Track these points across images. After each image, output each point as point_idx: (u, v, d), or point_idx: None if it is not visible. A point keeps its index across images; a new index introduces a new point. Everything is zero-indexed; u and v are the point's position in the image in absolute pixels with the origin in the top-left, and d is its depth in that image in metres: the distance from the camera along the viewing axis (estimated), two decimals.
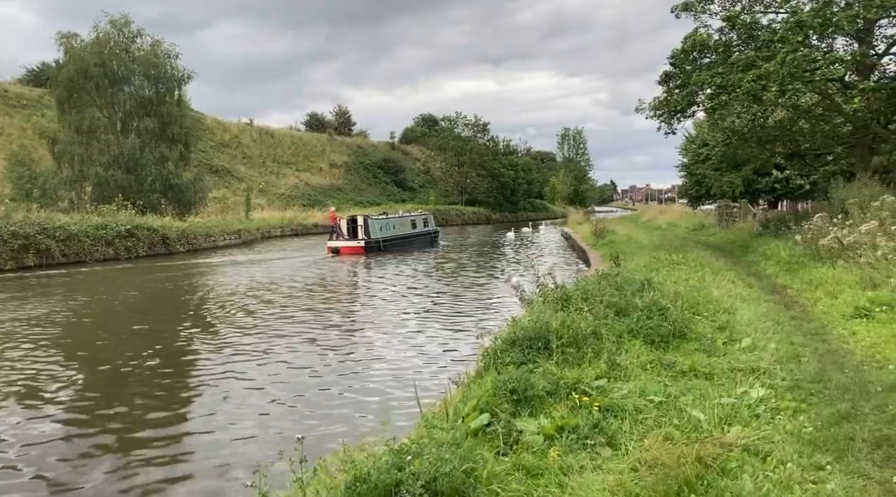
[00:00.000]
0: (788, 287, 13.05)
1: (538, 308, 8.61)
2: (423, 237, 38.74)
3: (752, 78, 17.65)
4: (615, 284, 10.82)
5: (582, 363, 6.78)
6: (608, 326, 7.87)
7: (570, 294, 9.02)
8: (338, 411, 8.42)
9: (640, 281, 11.80)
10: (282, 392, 9.37)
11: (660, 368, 6.59)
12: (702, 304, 10.06)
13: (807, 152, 24.55)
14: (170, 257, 32.58)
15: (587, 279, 11.51)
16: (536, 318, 7.61)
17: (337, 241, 33.10)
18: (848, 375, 6.54)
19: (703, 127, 38.03)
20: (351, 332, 13.85)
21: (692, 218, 41.35)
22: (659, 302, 8.50)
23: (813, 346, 7.91)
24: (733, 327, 8.52)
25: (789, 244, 16.63)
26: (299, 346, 12.29)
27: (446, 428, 4.78)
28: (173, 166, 40.17)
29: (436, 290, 20.38)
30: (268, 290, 20.20)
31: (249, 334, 13.48)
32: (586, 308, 8.34)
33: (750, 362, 6.84)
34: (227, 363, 11.10)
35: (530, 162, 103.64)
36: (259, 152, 78.70)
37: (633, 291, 9.46)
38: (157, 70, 40.41)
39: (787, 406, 5.54)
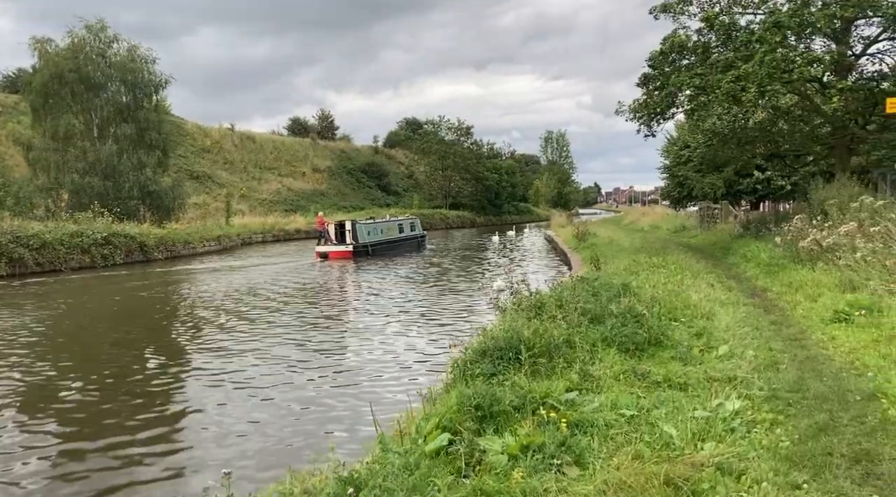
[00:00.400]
0: (768, 290, 12.91)
1: (511, 316, 8.37)
2: (410, 241, 38.89)
3: (731, 79, 17.55)
4: (592, 290, 10.61)
5: (554, 374, 6.55)
6: (582, 334, 7.64)
7: (544, 301, 8.79)
8: (303, 428, 8.13)
9: (617, 286, 11.60)
10: (250, 405, 9.07)
11: (633, 379, 6.36)
12: (679, 309, 9.86)
13: (787, 153, 24.53)
14: (148, 265, 32.11)
15: (564, 284, 11.30)
16: (508, 327, 7.36)
17: (325, 246, 33.12)
18: (826, 384, 6.35)
19: (684, 129, 38.06)
20: (331, 341, 13.54)
21: (674, 220, 41.40)
22: (634, 308, 8.29)
23: (792, 352, 7.72)
24: (711, 333, 8.31)
25: (769, 246, 16.53)
26: (276, 357, 11.96)
27: (403, 450, 4.52)
28: (151, 172, 39.60)
29: (420, 295, 20.10)
30: (248, 297, 19.84)
31: (225, 344, 13.15)
32: (560, 315, 8.11)
33: (727, 371, 6.63)
34: (194, 377, 10.79)
35: (514, 165, 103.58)
36: (241, 158, 78.09)
37: (608, 297, 9.24)
38: (133, 75, 39.84)
39: (763, 418, 5.33)
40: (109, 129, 39.59)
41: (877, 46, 19.92)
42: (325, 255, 32.38)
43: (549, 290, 10.54)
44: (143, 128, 40.24)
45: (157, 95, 42.04)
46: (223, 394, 9.66)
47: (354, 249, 32.66)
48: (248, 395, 9.54)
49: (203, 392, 9.81)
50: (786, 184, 34.56)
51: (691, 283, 13.54)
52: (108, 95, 39.47)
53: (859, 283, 10.53)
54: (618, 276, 15.95)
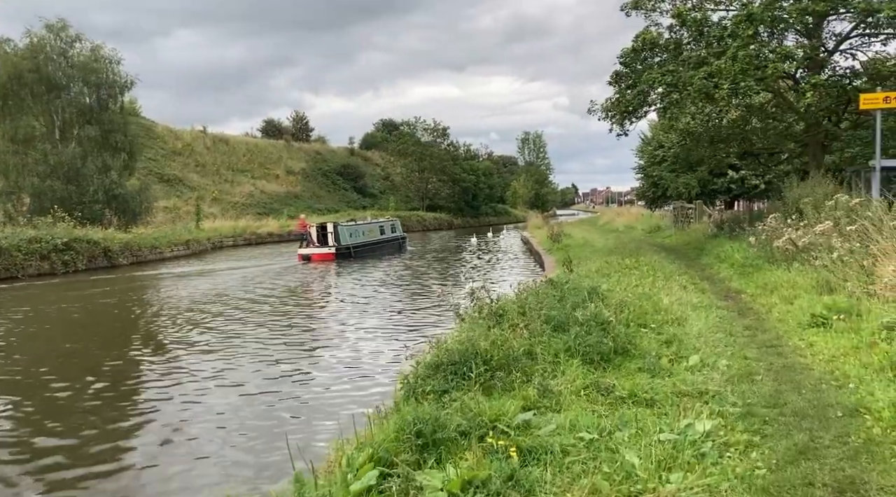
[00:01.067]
0: (742, 292, 12.48)
1: (468, 325, 7.81)
2: (391, 243, 38.96)
3: (704, 75, 17.17)
4: (558, 294, 10.09)
5: (511, 389, 5.99)
6: (544, 344, 7.09)
7: (505, 308, 8.22)
8: (247, 447, 7.49)
9: (586, 289, 11.10)
10: (194, 422, 8.41)
11: (596, 394, 5.82)
12: (650, 314, 9.36)
13: (760, 151, 24.26)
14: (112, 271, 31.10)
15: (530, 288, 10.77)
16: (465, 337, 6.80)
17: (308, 249, 32.97)
18: (805, 397, 5.86)
19: (658, 129, 37.83)
20: (297, 349, 12.84)
21: (649, 220, 41.18)
22: (601, 315, 7.76)
23: (768, 360, 7.24)
24: (682, 341, 7.81)
25: (743, 246, 16.14)
26: (234, 368, 11.27)
27: (324, 490, 3.93)
28: (117, 176, 38.41)
29: (396, 298, 19.45)
30: (213, 304, 19.03)
31: (181, 356, 12.44)
32: (522, 324, 7.56)
33: (698, 384, 6.11)
34: (153, 389, 10.10)
35: (491, 166, 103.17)
36: (213, 160, 76.84)
37: (574, 303, 8.70)
38: (97, 76, 38.72)
39: (737, 440, 4.81)
40: (72, 131, 38.42)
41: (849, 42, 19.66)
42: (307, 257, 32.26)
43: (514, 296, 9.99)
44: (107, 130, 39.13)
45: (122, 96, 40.97)
46: (170, 410, 8.98)
47: (337, 251, 32.58)
48: (194, 411, 8.88)
49: (146, 409, 9.12)
50: (760, 183, 34.45)
51: (663, 285, 13.09)
52: (70, 96, 38.28)
53: (836, 284, 10.10)
54: (589, 278, 15.47)
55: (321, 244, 33.20)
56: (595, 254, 22.45)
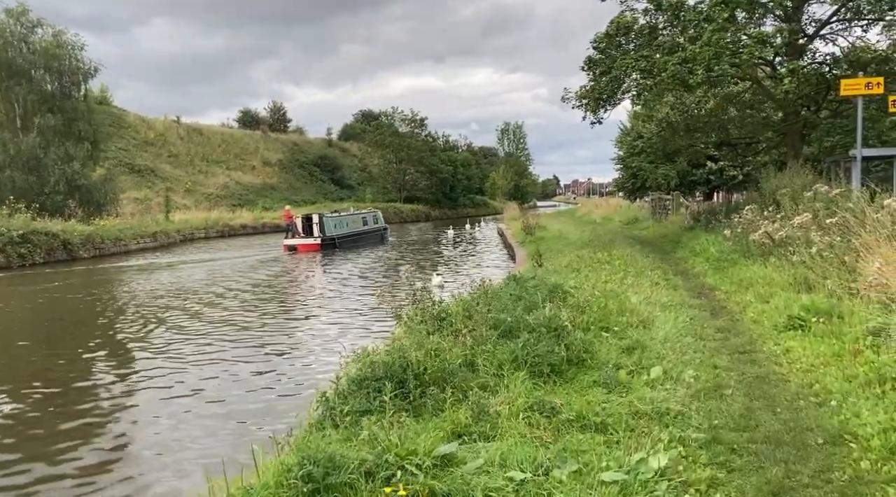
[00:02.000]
0: (717, 288, 11.75)
1: (404, 331, 6.96)
2: (374, 234, 39.54)
3: (678, 61, 16.41)
4: (517, 293, 9.28)
5: (443, 410, 5.16)
6: (488, 354, 6.25)
7: (449, 311, 7.37)
8: (147, 468, 6.59)
9: (548, 287, 10.32)
10: (109, 437, 7.51)
11: (540, 417, 4.99)
12: (614, 316, 8.56)
13: (737, 141, 23.57)
14: (73, 264, 29.95)
15: (488, 286, 9.93)
16: (396, 346, 5.95)
17: (293, 239, 33.21)
18: (781, 418, 5.08)
19: (637, 119, 37.15)
20: (250, 350, 11.88)
21: (627, 211, 40.58)
22: (556, 319, 6.93)
23: (740, 370, 6.47)
24: (646, 348, 7.00)
25: (719, 239, 15.42)
26: (173, 374, 10.32)
27: None
28: (79, 166, 37.03)
29: (368, 292, 18.53)
30: (174, 299, 18.01)
31: (124, 358, 11.49)
32: (466, 329, 6.72)
33: (658, 402, 5.31)
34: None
35: (470, 157, 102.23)
36: (186, 151, 75.26)
37: (530, 304, 7.88)
38: (59, 62, 37.37)
39: (698, 477, 4.00)
40: (34, 119, 37.00)
41: (829, 27, 18.99)
42: (293, 247, 32.62)
43: (467, 295, 9.16)
44: (70, 118, 37.82)
45: (86, 84, 39.55)
46: (80, 426, 8.06)
47: (322, 242, 32.89)
48: (111, 424, 7.98)
49: (62, 423, 8.19)
50: (738, 174, 33.93)
51: (634, 281, 12.33)
52: (31, 84, 36.79)
53: (815, 281, 9.37)
54: (558, 273, 14.70)
55: (306, 235, 33.45)
56: (568, 247, 21.70)
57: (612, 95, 19.88)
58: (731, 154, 26.75)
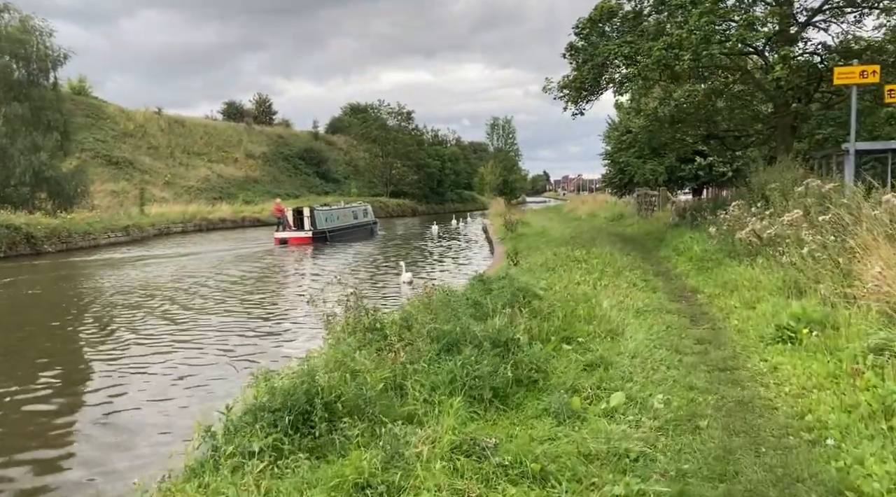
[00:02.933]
0: (699, 291, 10.80)
1: (328, 346, 5.94)
2: (363, 228, 39.88)
3: (663, 46, 15.42)
4: (475, 297, 8.28)
5: (348, 450, 4.16)
6: (422, 374, 5.25)
7: (385, 322, 6.34)
8: None
9: (515, 289, 9.36)
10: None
11: (467, 461, 3.99)
12: (582, 323, 7.59)
13: (725, 134, 22.60)
14: (36, 258, 28.77)
15: (446, 289, 8.93)
16: (304, 369, 4.93)
17: (284, 232, 33.32)
18: (766, 462, 4.10)
19: (626, 113, 36.22)
20: (197, 355, 10.87)
21: (613, 208, 39.68)
22: (507, 330, 5.94)
23: (719, 392, 5.50)
24: (610, 365, 6.01)
25: (704, 237, 14.45)
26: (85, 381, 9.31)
27: None
28: (47, 157, 35.65)
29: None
30: (131, 296, 16.92)
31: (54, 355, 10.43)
32: (400, 343, 5.71)
33: (616, 440, 4.31)
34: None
35: (458, 152, 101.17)
36: (167, 142, 73.74)
37: (481, 313, 6.88)
38: (26, 49, 36.00)
39: None
40: (1, 108, 35.58)
41: (821, 15, 18.04)
42: (284, 240, 32.69)
43: (418, 300, 8.15)
44: (38, 107, 36.47)
45: (55, 71, 38.14)
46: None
47: (313, 235, 33.06)
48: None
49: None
50: (727, 170, 33.07)
51: (610, 282, 11.37)
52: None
53: (807, 285, 8.42)
54: (531, 272, 13.73)
55: (297, 228, 33.57)
56: (548, 244, 20.72)
57: (595, 84, 18.88)
58: (719, 148, 25.78)
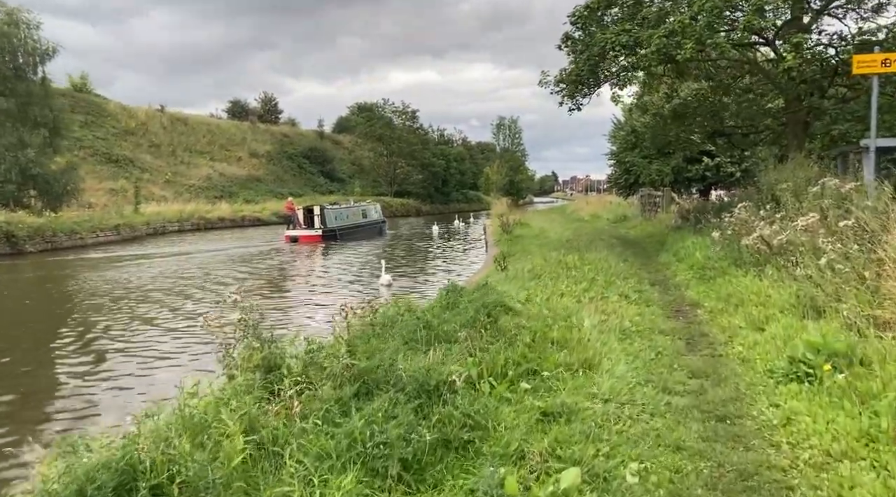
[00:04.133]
0: (699, 305, 9.43)
1: (218, 387, 4.61)
2: (372, 226, 40.13)
3: (664, 34, 14.05)
4: (434, 313, 6.99)
5: None
6: (313, 435, 3.93)
7: (279, 361, 4.96)
8: None
9: (488, 303, 8.08)
10: None
11: None
12: (554, 348, 6.25)
13: (732, 131, 21.14)
14: (16, 258, 27.69)
15: (403, 304, 7.64)
16: (124, 442, 3.60)
17: (295, 231, 33.71)
18: None
19: (630, 112, 34.84)
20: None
21: (617, 209, 38.29)
22: (437, 370, 4.61)
23: (715, 458, 4.16)
24: (576, 413, 4.67)
25: (707, 241, 13.06)
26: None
27: None
28: (34, 154, 34.43)
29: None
30: (100, 299, 15.72)
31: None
32: (296, 387, 4.39)
33: None
34: None
35: (463, 152, 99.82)
36: (169, 140, 72.75)
37: (421, 338, 5.57)
38: (10, 42, 34.88)
39: None
40: None
41: (837, 2, 16.60)
42: (295, 238, 33.04)
43: (360, 317, 6.84)
44: (25, 103, 35.39)
45: (42, 66, 36.99)
46: None
47: (323, 233, 33.42)
48: None
49: None
50: (735, 170, 31.71)
51: (599, 293, 10.02)
52: None
53: (826, 304, 7.06)
54: (516, 279, 12.44)
55: (308, 226, 33.94)
56: (543, 247, 19.37)
57: (592, 77, 17.50)
58: (726, 146, 24.30)
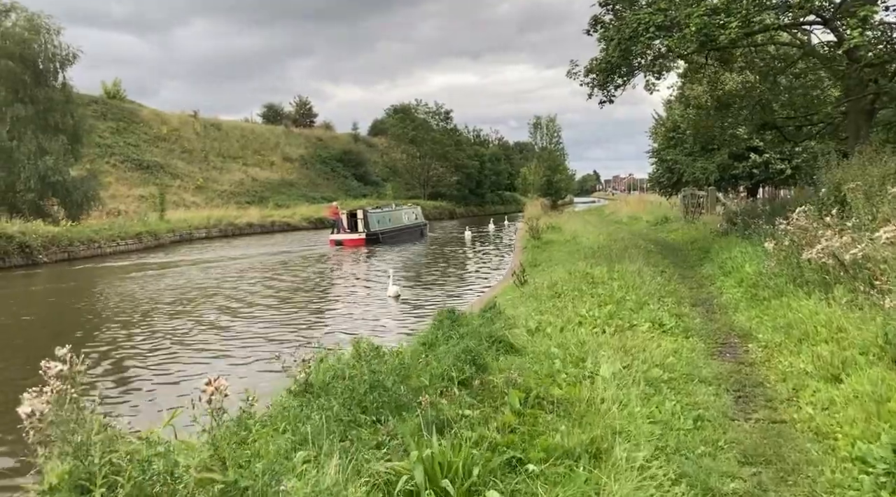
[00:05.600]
0: (751, 336, 7.58)
1: None
2: (414, 229, 40.48)
3: (704, 11, 12.16)
4: (412, 356, 5.32)
5: None
6: None
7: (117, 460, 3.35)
8: None
9: (482, 339, 6.44)
10: None
11: None
12: (552, 417, 4.53)
13: (784, 123, 18.99)
14: (29, 268, 26.86)
15: (370, 348, 5.98)
16: None
17: (340, 235, 34.48)
18: None
19: (671, 106, 32.67)
20: None
21: (657, 210, 36.09)
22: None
23: None
24: None
25: (759, 252, 11.09)
26: None
27: None
28: (53, 161, 33.65)
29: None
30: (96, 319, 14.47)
31: None
32: None
33: None
34: None
35: (499, 152, 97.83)
36: (202, 146, 72.44)
37: (364, 400, 3.89)
38: (30, 49, 34.22)
39: None
40: (5, 110, 33.81)
41: None
42: (339, 242, 33.83)
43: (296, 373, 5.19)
44: (45, 109, 34.74)
45: (63, 72, 36.32)
46: None
47: (367, 237, 34.02)
48: None
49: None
50: (786, 167, 29.41)
51: (627, 318, 8.23)
52: (2, 71, 33.50)
53: None
54: (533, 299, 10.70)
55: (351, 230, 34.66)
56: (572, 256, 17.55)
57: (625, 65, 15.62)
58: (776, 141, 22.05)
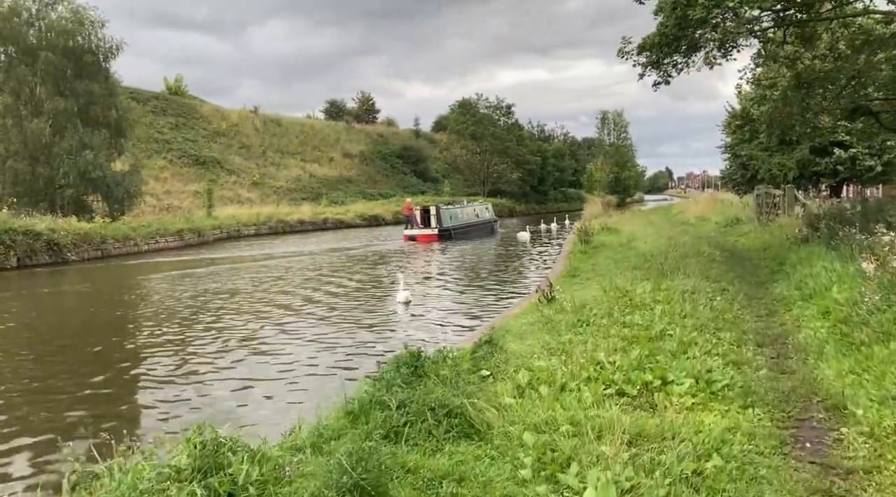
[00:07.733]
0: (842, 408, 5.11)
1: None
2: (484, 225, 41.55)
3: None
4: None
5: None
6: None
7: None
8: None
9: (434, 407, 4.26)
10: None
11: None
12: None
13: (880, 109, 15.95)
14: (54, 267, 25.98)
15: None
16: None
17: (413, 230, 35.70)
18: None
19: (741, 92, 29.49)
20: None
21: (728, 210, 32.85)
22: None
23: None
24: None
25: (850, 271, 8.44)
26: None
27: None
28: (93, 155, 32.78)
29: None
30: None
31: None
32: None
33: None
34: None
35: (562, 148, 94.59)
36: (260, 142, 72.05)
37: None
38: (74, 41, 33.56)
39: None
40: (45, 103, 33.20)
41: None
42: (413, 237, 34.97)
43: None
44: (87, 102, 34.05)
45: (106, 65, 35.60)
46: None
47: (439, 232, 34.97)
48: None
49: None
50: (876, 164, 25.98)
51: (661, 369, 5.86)
52: (42, 64, 32.87)
53: None
54: (548, 329, 8.42)
55: (424, 226, 35.81)
56: (618, 265, 15.08)
57: (683, 35, 13.05)
58: (869, 129, 18.84)
